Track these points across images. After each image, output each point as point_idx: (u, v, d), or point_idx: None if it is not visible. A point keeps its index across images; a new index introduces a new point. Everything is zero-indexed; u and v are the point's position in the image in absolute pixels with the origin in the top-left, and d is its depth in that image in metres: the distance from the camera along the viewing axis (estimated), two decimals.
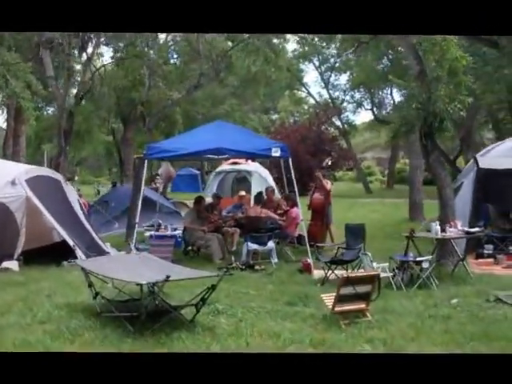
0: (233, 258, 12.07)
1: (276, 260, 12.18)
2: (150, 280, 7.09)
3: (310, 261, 11.32)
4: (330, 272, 10.13)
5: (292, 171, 12.28)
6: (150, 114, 17.31)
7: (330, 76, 42.43)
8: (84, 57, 20.99)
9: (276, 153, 12.03)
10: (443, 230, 10.29)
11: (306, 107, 47.29)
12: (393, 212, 22.51)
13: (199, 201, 13.65)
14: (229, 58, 15.09)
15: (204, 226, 13.06)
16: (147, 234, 14.25)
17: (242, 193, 15.60)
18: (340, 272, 10.07)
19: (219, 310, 8.18)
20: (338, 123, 40.43)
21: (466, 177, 13.57)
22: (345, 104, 43.17)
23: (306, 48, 38.52)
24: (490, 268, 11.32)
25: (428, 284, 9.54)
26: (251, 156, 13.93)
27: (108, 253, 12.71)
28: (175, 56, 17.12)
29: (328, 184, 13.95)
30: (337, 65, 41.40)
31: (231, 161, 20.39)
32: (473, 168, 13.29)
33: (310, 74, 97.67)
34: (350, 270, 10.12)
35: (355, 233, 10.65)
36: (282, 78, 32.36)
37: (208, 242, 12.70)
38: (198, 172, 41.07)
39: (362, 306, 7.78)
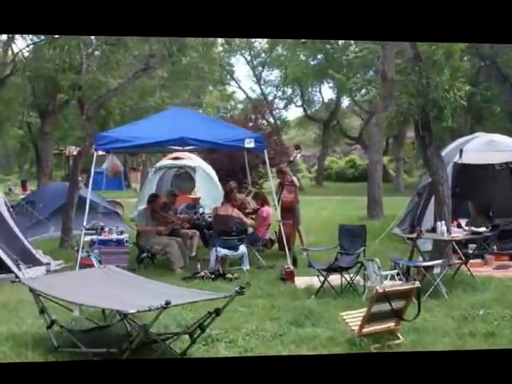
0: (199, 266, 10.49)
1: (248, 267, 10.76)
2: (140, 307, 5.43)
3: (292, 267, 10.02)
4: (324, 281, 8.85)
5: (268, 164, 10.92)
6: (86, 100, 15.25)
7: (262, 71, 41.51)
8: (4, 36, 18.68)
9: (250, 144, 10.60)
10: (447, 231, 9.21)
11: (233, 103, 46.13)
12: (343, 209, 21.47)
13: (154, 199, 11.93)
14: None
15: (159, 228, 11.43)
16: (87, 238, 12.37)
17: (197, 194, 14.01)
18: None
19: (213, 337, 6.64)
20: (271, 119, 39.46)
21: None
22: (276, 100, 42.47)
23: (238, 41, 37.32)
24: (483, 270, 10.39)
25: (438, 292, 8.40)
26: (220, 147, 12.40)
27: (48, 263, 10.92)
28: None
29: (296, 180, 12.67)
30: (268, 60, 40.45)
31: (173, 155, 18.69)
32: (448, 163, 12.35)
33: (241, 69, 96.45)
34: (348, 277, 8.87)
35: (352, 235, 9.34)
36: (214, 72, 30.93)
37: (167, 248, 11.01)
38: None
39: (392, 324, 6.52)
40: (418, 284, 6.39)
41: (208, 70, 29.70)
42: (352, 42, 28.53)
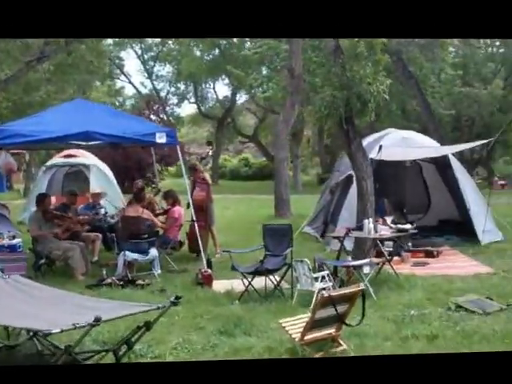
0: (104, 272, 9.61)
1: (159, 271, 10.00)
2: (63, 325, 4.59)
3: (210, 271, 9.38)
4: (248, 284, 8.31)
5: (181, 161, 10.22)
6: None
7: (154, 66, 40.40)
8: None
9: (161, 139, 9.84)
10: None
11: (121, 99, 44.57)
12: (247, 208, 21.07)
13: (43, 200, 10.83)
14: None
15: (55, 231, 10.42)
16: None
17: (97, 190, 13.01)
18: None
19: (137, 353, 5.88)
20: (163, 116, 38.46)
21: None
22: (169, 96, 41.57)
23: None
24: (401, 267, 10.15)
25: (366, 292, 8.02)
26: (130, 142, 11.48)
27: None
28: None
29: (208, 177, 12.01)
30: (160, 54, 39.43)
31: (65, 152, 17.40)
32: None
33: (131, 63, 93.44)
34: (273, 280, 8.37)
35: (277, 235, 8.80)
36: (104, 66, 29.65)
37: (68, 253, 9.98)
38: None
39: (333, 330, 6.05)
40: (362, 286, 5.97)
41: (97, 63, 28.51)
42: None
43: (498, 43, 31.68)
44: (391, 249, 10.77)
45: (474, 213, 12.10)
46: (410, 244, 11.52)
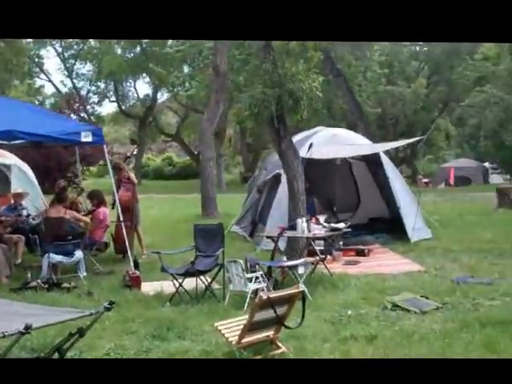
0: (29, 275, 9.15)
1: (85, 273, 9.61)
2: None
3: (137, 272, 9.06)
4: (179, 286, 8.04)
5: (108, 160, 9.84)
6: None
7: (74, 64, 39.27)
8: None
9: (87, 137, 9.42)
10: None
11: (40, 98, 43.08)
12: (173, 208, 20.68)
13: None
14: None
15: None
16: None
17: (19, 190, 12.42)
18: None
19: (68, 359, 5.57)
20: (84, 114, 37.47)
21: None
22: (90, 95, 40.52)
23: None
24: (333, 266, 10.04)
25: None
26: (54, 141, 10.94)
27: None
28: None
29: (133, 177, 11.67)
30: (81, 52, 38.41)
31: None
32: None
33: (51, 61, 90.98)
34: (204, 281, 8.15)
35: (208, 236, 8.56)
36: (23, 64, 28.69)
37: None
38: None
39: (272, 332, 5.89)
40: (302, 288, 5.83)
41: (16, 61, 27.59)
42: None
43: (421, 42, 32.53)
44: (322, 248, 10.78)
45: (403, 211, 12.16)
46: (340, 243, 11.46)
